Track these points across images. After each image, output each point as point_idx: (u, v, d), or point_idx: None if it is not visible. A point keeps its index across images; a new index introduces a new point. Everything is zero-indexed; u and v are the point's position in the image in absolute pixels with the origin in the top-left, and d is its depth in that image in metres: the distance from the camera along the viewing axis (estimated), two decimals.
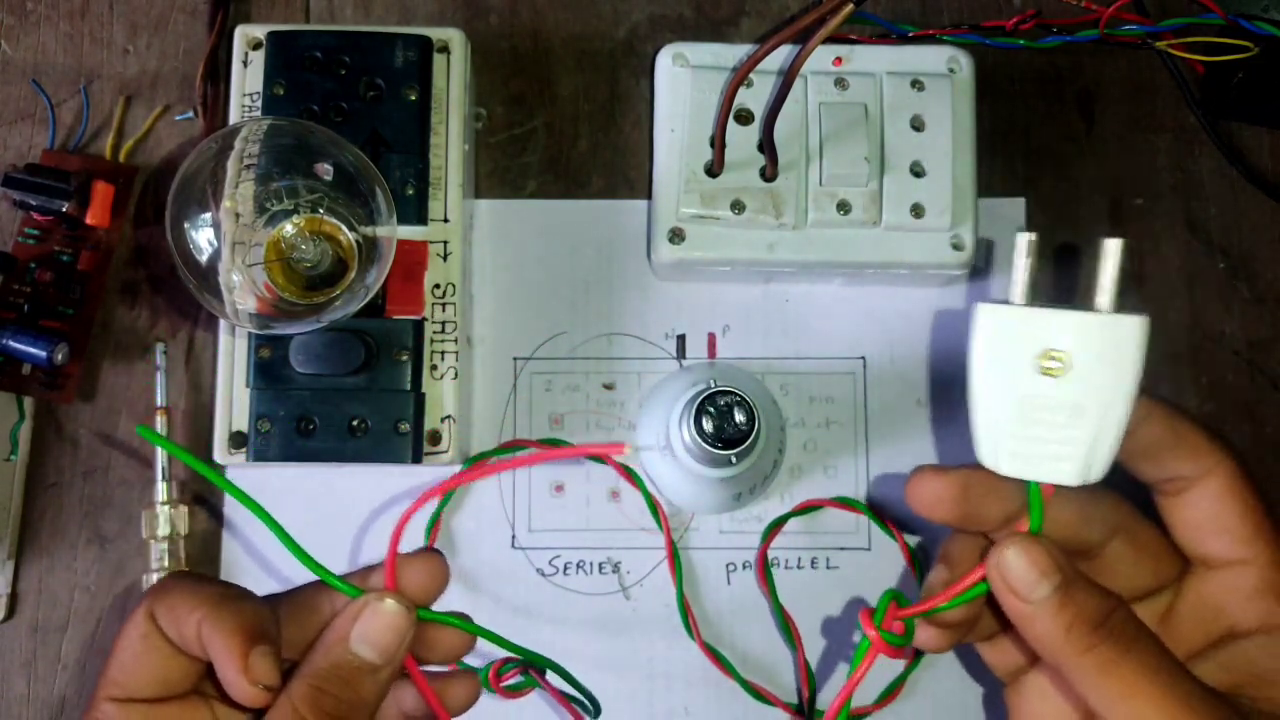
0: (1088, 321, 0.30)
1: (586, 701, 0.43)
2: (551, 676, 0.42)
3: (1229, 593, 0.32)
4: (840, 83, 0.46)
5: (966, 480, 0.31)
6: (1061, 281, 0.47)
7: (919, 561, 0.47)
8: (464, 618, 0.33)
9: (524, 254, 0.49)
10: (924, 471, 0.32)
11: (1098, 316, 0.30)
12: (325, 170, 0.41)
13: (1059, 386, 0.29)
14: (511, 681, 0.43)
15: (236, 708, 0.31)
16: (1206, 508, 0.32)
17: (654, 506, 0.47)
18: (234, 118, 0.46)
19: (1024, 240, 0.31)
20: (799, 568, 0.47)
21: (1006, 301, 0.31)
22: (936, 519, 0.32)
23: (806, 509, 0.47)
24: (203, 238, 0.40)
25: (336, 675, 0.30)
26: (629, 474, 0.47)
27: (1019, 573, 0.29)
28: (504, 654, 0.38)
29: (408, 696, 0.33)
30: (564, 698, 0.44)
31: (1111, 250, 0.31)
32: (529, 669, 0.42)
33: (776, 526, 0.47)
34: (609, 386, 0.48)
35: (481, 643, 0.34)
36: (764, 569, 0.47)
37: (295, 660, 0.31)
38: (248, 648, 0.29)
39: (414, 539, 0.47)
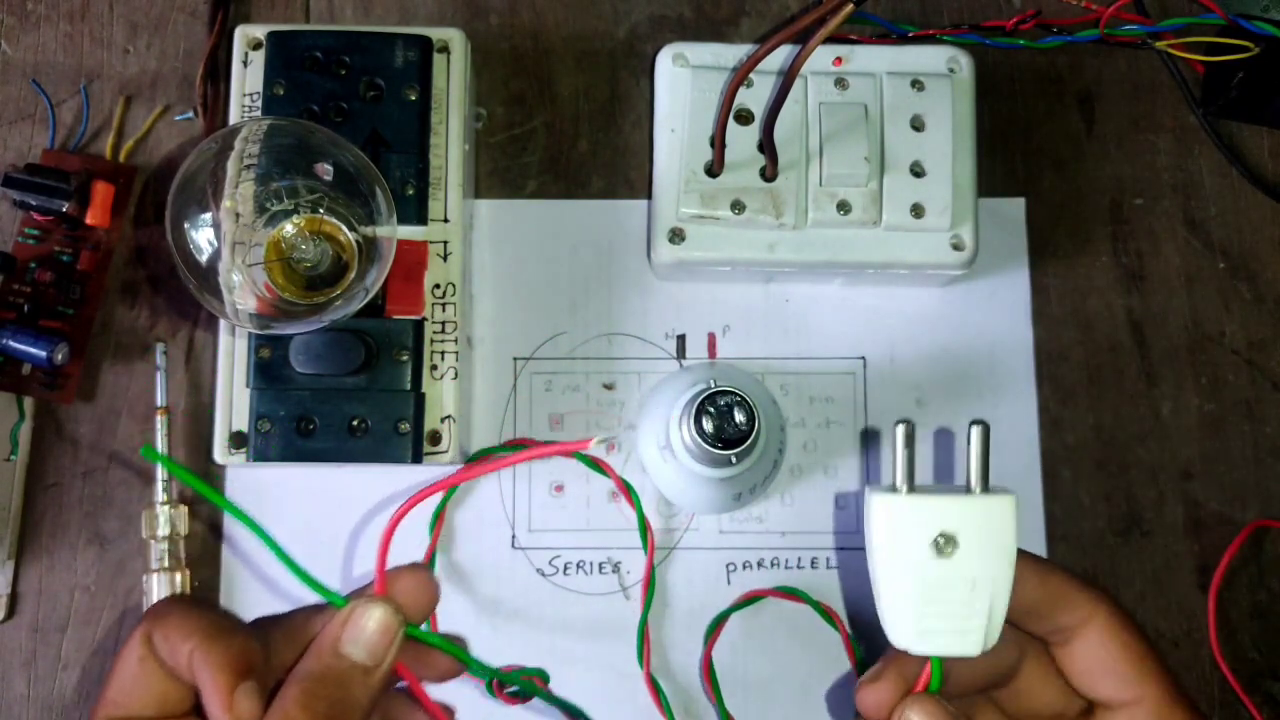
0: (970, 504, 0.32)
1: (579, 714, 0.43)
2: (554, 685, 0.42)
3: None
4: (840, 83, 0.46)
5: (897, 677, 0.33)
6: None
7: (859, 648, 0.46)
8: (459, 642, 0.33)
9: (524, 254, 0.49)
10: (863, 686, 0.34)
11: (976, 499, 0.33)
12: (325, 170, 0.41)
13: (953, 565, 0.32)
14: (514, 689, 0.43)
15: None
16: (1092, 653, 0.34)
17: (644, 527, 0.46)
18: (234, 118, 0.46)
19: (901, 431, 0.33)
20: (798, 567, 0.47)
21: (894, 489, 0.33)
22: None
23: (749, 600, 0.46)
24: (203, 238, 0.40)
25: (328, 677, 0.30)
26: (626, 488, 0.47)
27: None
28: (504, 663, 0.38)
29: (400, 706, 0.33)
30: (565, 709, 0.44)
31: (976, 436, 0.33)
32: (533, 677, 0.42)
33: (720, 623, 0.46)
34: (609, 386, 0.48)
35: (485, 642, 0.34)
36: (709, 672, 0.46)
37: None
38: (234, 684, 0.29)
39: (418, 537, 0.47)
